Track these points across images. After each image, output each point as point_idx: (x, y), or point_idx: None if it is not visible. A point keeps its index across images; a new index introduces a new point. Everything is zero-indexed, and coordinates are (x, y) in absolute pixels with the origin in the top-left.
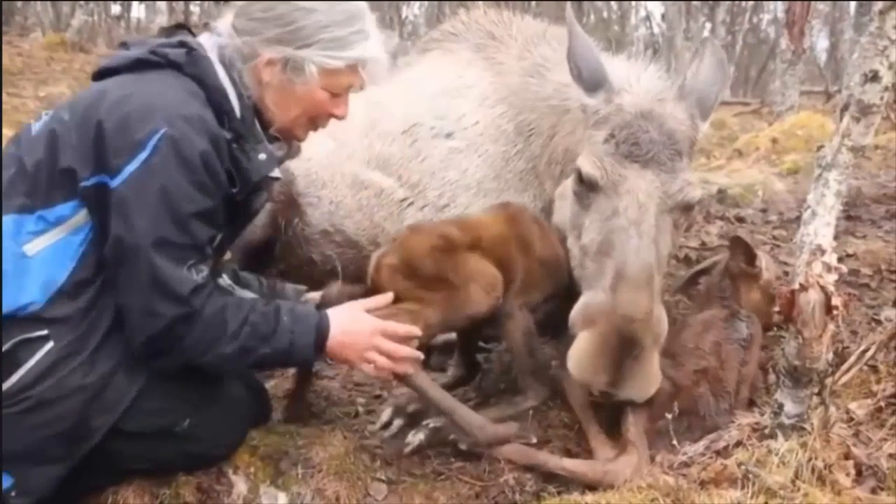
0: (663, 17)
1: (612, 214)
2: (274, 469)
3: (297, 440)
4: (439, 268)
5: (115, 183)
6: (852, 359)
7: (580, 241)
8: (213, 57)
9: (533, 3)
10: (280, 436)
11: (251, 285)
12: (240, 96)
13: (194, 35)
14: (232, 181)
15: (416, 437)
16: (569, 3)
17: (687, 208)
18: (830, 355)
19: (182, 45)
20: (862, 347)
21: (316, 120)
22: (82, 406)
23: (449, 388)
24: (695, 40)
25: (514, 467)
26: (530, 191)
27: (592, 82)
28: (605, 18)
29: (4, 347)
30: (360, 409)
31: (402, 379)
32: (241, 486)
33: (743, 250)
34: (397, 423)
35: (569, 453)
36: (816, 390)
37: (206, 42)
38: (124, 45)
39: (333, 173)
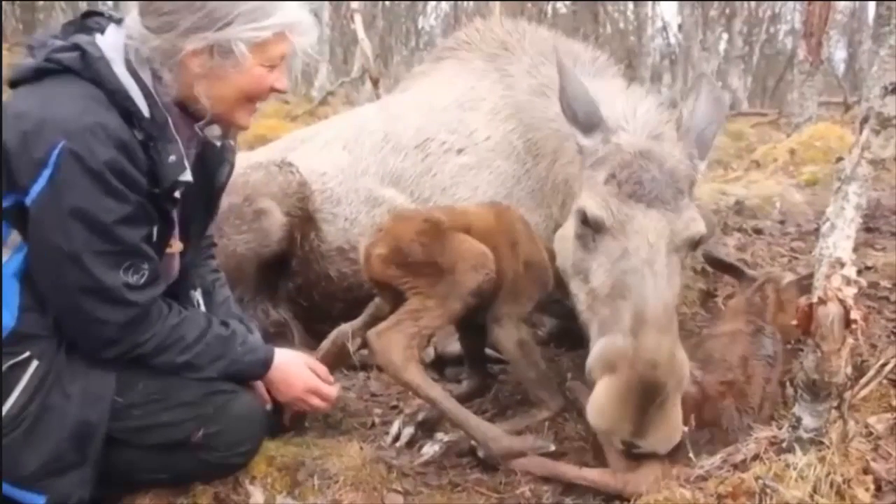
0: (680, 27)
1: (622, 256)
2: (291, 479)
3: (313, 451)
4: (427, 252)
5: (28, 201)
6: (871, 372)
7: (588, 285)
8: (115, 55)
9: (549, 10)
10: (297, 446)
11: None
12: (147, 95)
13: (111, 19)
14: (155, 181)
15: (431, 449)
16: (556, 48)
17: (693, 245)
18: (849, 369)
19: (76, 48)
20: (881, 361)
21: (256, 99)
22: (77, 405)
23: (464, 399)
24: (711, 51)
25: (531, 479)
26: (541, 210)
27: (588, 123)
28: (622, 28)
29: None
30: (377, 419)
31: (416, 391)
32: (257, 496)
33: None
34: (407, 431)
35: (585, 465)
36: (835, 404)
37: (111, 37)
38: (30, 48)
39: (348, 189)
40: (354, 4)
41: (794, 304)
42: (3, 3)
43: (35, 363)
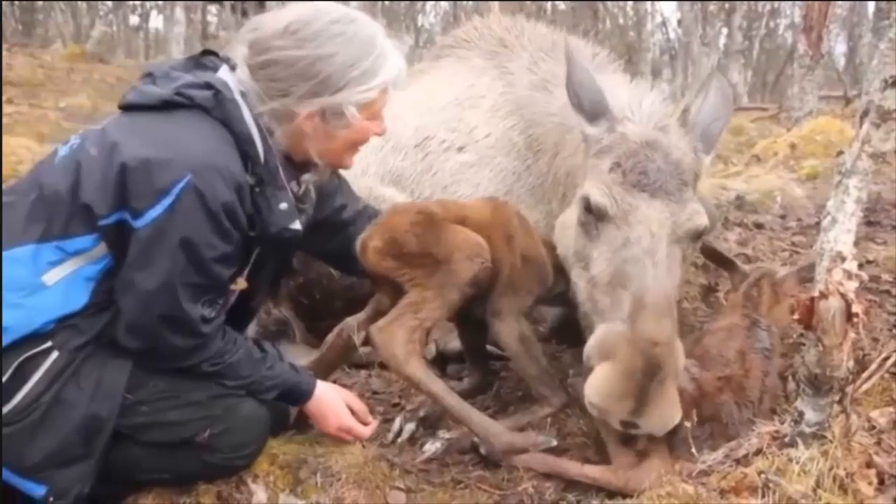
0: (679, 22)
1: (624, 245)
2: (293, 477)
3: (316, 449)
4: (422, 243)
5: (137, 224)
6: (873, 366)
7: (588, 273)
8: (239, 98)
9: (548, 8)
10: (299, 444)
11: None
12: (264, 140)
13: (220, 58)
14: (251, 225)
15: (433, 446)
16: (565, 37)
17: (695, 237)
18: (851, 363)
19: (208, 86)
20: (883, 355)
21: (360, 145)
22: (88, 399)
23: (466, 396)
24: (711, 46)
25: (533, 476)
26: (541, 207)
27: (593, 112)
28: (622, 24)
29: (10, 370)
30: (379, 417)
31: (418, 386)
32: (260, 494)
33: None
34: (409, 427)
35: (587, 462)
36: (837, 398)
37: (228, 78)
38: (150, 75)
39: None
40: (354, 3)
41: (792, 296)
42: (3, 4)
43: (55, 354)
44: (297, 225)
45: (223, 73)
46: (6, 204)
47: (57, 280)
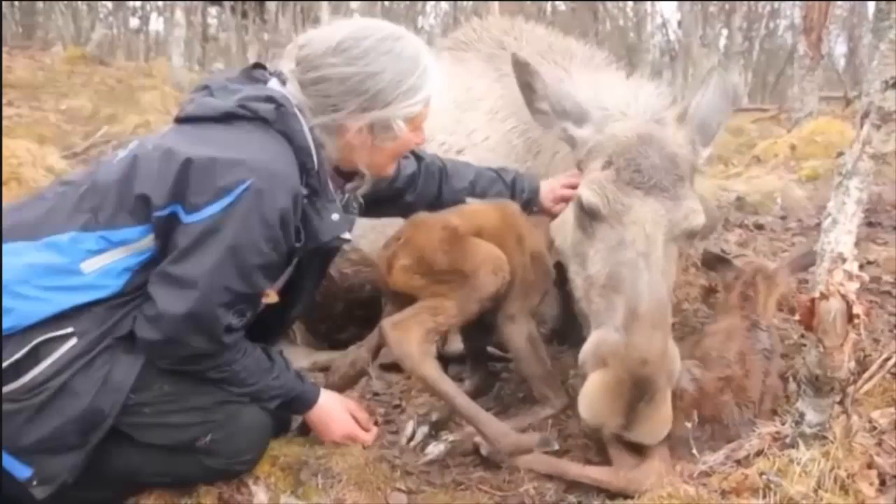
0: (679, 23)
1: (619, 245)
2: (294, 479)
3: (316, 450)
4: (451, 260)
5: (189, 219)
6: (874, 367)
7: (585, 272)
8: (297, 112)
9: (548, 9)
10: (300, 446)
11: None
12: (317, 152)
13: (270, 71)
14: (297, 236)
15: (436, 449)
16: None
17: (691, 235)
18: (852, 364)
19: (270, 100)
20: (884, 356)
21: (401, 155)
22: (93, 391)
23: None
24: (711, 47)
25: (534, 477)
26: None
27: (578, 113)
28: (622, 26)
29: (26, 349)
30: (380, 419)
31: (432, 385)
32: (261, 496)
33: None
34: (421, 430)
35: (588, 463)
36: (838, 399)
37: (284, 92)
38: (206, 88)
39: None
40: (354, 4)
41: (788, 286)
42: (3, 6)
43: (73, 341)
44: (347, 234)
45: (274, 86)
46: (58, 193)
47: (96, 269)
